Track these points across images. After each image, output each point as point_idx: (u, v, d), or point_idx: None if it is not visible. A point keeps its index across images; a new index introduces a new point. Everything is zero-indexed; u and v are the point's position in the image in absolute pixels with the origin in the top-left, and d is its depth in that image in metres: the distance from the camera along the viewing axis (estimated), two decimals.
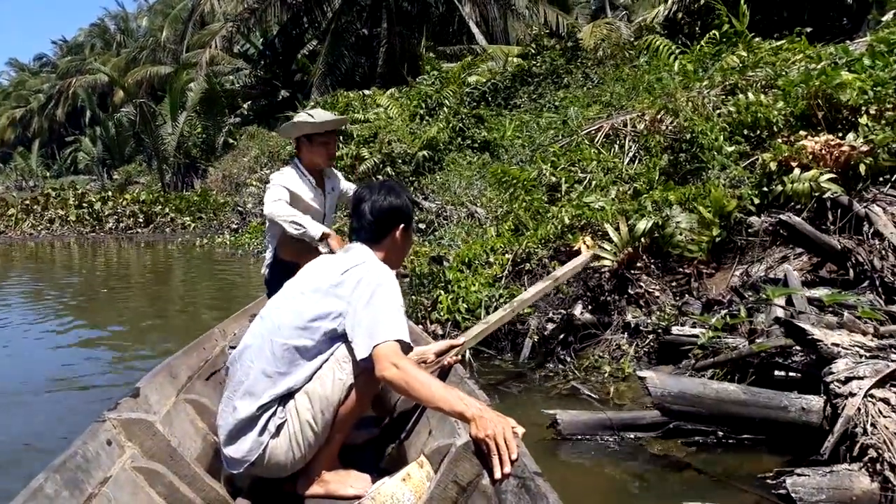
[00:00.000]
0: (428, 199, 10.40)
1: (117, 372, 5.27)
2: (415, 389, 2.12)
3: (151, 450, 2.35)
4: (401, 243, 2.65)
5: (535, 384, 4.57)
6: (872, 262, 4.23)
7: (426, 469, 2.23)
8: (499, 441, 1.88)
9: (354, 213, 2.62)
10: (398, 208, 2.60)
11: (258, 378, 2.37)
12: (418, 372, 2.17)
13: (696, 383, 3.16)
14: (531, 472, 1.89)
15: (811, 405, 3.00)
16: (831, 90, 5.36)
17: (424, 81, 14.08)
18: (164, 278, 11.07)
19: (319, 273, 2.50)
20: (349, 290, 2.35)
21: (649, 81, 7.50)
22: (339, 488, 2.45)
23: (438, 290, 5.37)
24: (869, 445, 2.52)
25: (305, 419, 2.36)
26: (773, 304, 3.89)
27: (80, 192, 20.44)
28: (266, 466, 2.39)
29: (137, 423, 2.37)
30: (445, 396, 2.07)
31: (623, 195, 5.77)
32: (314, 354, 2.38)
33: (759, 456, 3.23)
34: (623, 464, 3.38)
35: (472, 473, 2.03)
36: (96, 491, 2.03)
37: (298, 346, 2.37)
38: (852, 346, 3.03)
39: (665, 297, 4.96)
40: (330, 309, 2.37)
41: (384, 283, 2.36)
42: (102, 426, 2.28)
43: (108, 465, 2.17)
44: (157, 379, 2.83)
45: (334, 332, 2.37)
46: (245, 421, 2.36)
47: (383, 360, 2.19)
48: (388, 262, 2.57)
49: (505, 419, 1.96)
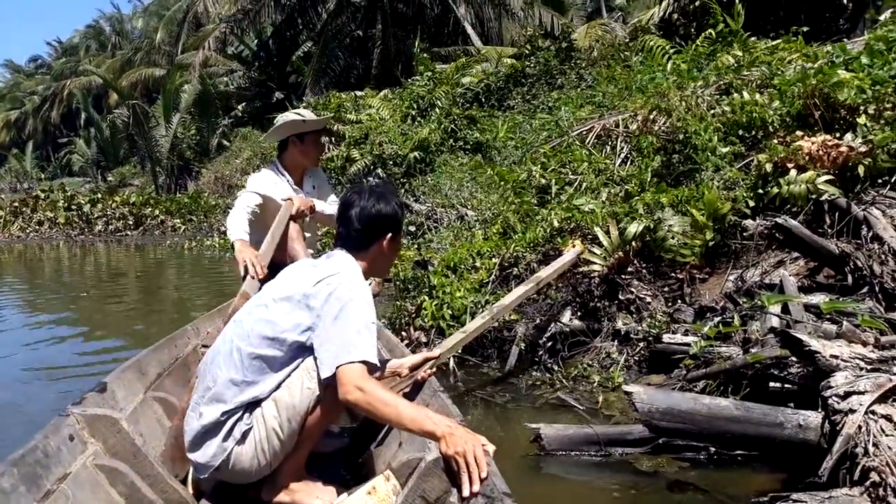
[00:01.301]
0: (418, 202, 10.23)
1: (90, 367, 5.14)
2: (380, 411, 2.08)
3: (115, 447, 2.30)
4: (388, 252, 2.57)
5: (521, 393, 4.39)
6: (871, 268, 4.05)
7: (392, 482, 2.19)
8: (468, 459, 1.87)
9: (341, 218, 2.54)
10: (387, 217, 2.50)
11: (225, 385, 2.33)
12: (383, 394, 2.11)
13: (687, 398, 2.97)
14: (500, 493, 1.84)
15: (808, 421, 2.82)
16: (828, 89, 5.19)
17: (417, 82, 13.91)
18: (150, 281, 10.89)
19: (293, 281, 2.42)
20: (320, 303, 2.28)
21: (642, 81, 7.32)
22: (305, 499, 2.40)
23: (423, 295, 5.18)
24: (871, 468, 2.32)
25: (272, 426, 2.32)
26: (768, 311, 3.71)
27: (69, 193, 20.18)
28: (230, 472, 2.36)
29: (102, 419, 2.32)
30: (413, 417, 2.03)
31: (614, 197, 5.59)
32: (282, 365, 2.33)
33: (753, 474, 3.05)
34: (610, 481, 3.21)
35: (440, 490, 2.00)
36: (54, 487, 1.99)
37: (266, 357, 2.32)
38: (852, 357, 2.85)
39: (657, 303, 4.78)
40: (299, 321, 2.31)
41: (355, 299, 2.27)
42: (65, 421, 2.22)
43: (69, 461, 2.12)
44: (125, 375, 2.77)
45: (302, 345, 2.32)
46: (210, 426, 2.32)
47: (346, 383, 2.13)
48: (373, 270, 2.54)
49: (475, 437, 1.94)
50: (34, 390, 4.78)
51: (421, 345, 4.99)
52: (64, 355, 5.70)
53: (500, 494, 1.84)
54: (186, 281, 10.90)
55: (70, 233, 18.39)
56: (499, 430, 3.87)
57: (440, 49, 21.81)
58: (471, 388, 4.50)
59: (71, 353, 5.86)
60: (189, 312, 7.20)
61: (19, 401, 4.51)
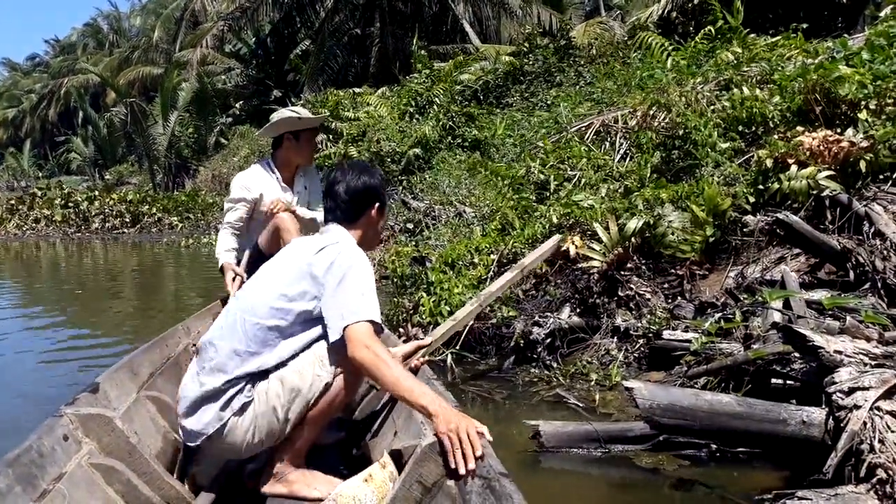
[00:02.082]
0: (416, 199, 10.18)
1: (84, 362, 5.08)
2: (383, 374, 2.12)
3: (109, 446, 2.29)
4: (376, 222, 2.65)
5: (518, 390, 4.34)
6: (874, 263, 4.02)
7: (389, 469, 2.20)
8: (462, 436, 1.92)
9: (328, 194, 2.61)
10: (372, 187, 2.59)
11: (228, 356, 2.35)
12: (389, 358, 2.16)
13: (688, 394, 2.92)
14: (496, 473, 1.87)
15: (812, 418, 2.77)
16: (829, 84, 5.15)
17: (415, 79, 13.85)
18: (147, 279, 10.82)
19: (295, 254, 2.48)
20: (322, 272, 2.33)
21: (641, 77, 7.27)
22: (303, 489, 2.39)
23: (420, 291, 5.13)
24: (877, 465, 2.27)
25: (273, 405, 2.33)
26: (769, 307, 3.66)
27: (66, 191, 20.10)
28: (221, 442, 2.35)
29: (95, 418, 2.31)
30: (412, 387, 2.09)
31: (613, 193, 5.54)
32: (287, 336, 2.36)
33: (756, 471, 3.01)
34: (610, 478, 3.17)
35: (437, 474, 2.02)
36: (50, 487, 1.98)
37: (271, 327, 2.35)
38: (856, 353, 2.80)
39: (656, 300, 4.73)
40: (304, 290, 2.35)
41: (356, 265, 2.34)
42: (59, 421, 2.22)
43: (64, 460, 2.12)
44: (117, 374, 2.75)
45: (308, 314, 2.35)
46: (210, 393, 2.33)
47: (355, 340, 2.18)
48: (365, 241, 2.59)
49: (469, 418, 1.98)
50: (29, 388, 4.73)
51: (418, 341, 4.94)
52: (58, 353, 5.64)
53: (496, 475, 1.86)
54: (183, 279, 10.85)
55: (67, 230, 18.30)
56: (497, 426, 3.81)
57: (438, 47, 21.74)
58: (468, 385, 4.45)
59: (64, 350, 5.80)
60: (186, 309, 7.14)
61: (12, 400, 4.46)
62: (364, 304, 2.25)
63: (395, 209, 10.33)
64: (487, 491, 1.86)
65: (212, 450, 2.41)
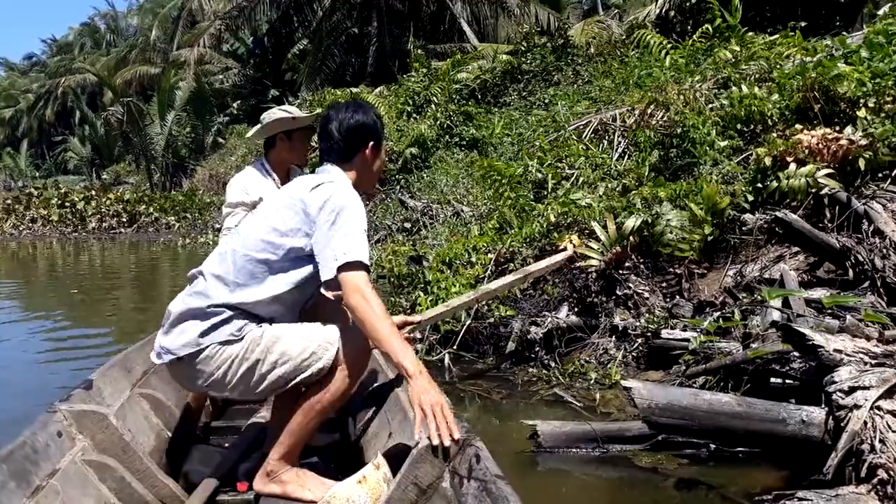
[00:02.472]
0: (414, 198, 10.16)
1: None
2: (372, 325, 2.13)
3: (103, 443, 2.29)
4: (371, 162, 2.57)
5: (517, 390, 4.31)
6: (873, 262, 3.99)
7: (383, 471, 2.18)
8: (435, 410, 1.99)
9: (323, 133, 2.54)
10: (366, 125, 2.53)
11: (214, 283, 2.32)
12: (381, 309, 2.16)
13: (686, 394, 2.89)
14: (492, 475, 1.85)
15: (812, 417, 2.75)
16: (828, 82, 5.13)
17: (412, 78, 13.81)
18: (143, 278, 10.79)
19: (290, 190, 2.45)
20: (315, 210, 2.30)
21: (640, 76, 7.25)
22: (297, 490, 2.36)
23: (418, 291, 5.10)
24: (877, 465, 2.25)
25: (258, 357, 2.28)
26: (768, 306, 3.64)
27: (62, 191, 20.06)
28: (188, 368, 2.31)
29: (89, 415, 2.30)
30: (400, 345, 2.11)
31: (611, 192, 5.51)
32: (275, 271, 2.33)
33: (755, 471, 2.99)
34: (608, 478, 3.15)
35: (433, 476, 2.01)
36: (44, 483, 1.99)
37: (260, 260, 2.32)
38: (856, 352, 2.78)
39: (655, 299, 4.70)
40: (297, 226, 2.33)
41: (349, 206, 2.30)
42: (53, 417, 2.22)
43: (58, 457, 2.12)
44: (111, 372, 2.75)
45: (299, 251, 2.32)
46: (193, 312, 2.30)
47: (350, 285, 2.17)
48: (361, 182, 2.53)
49: (442, 397, 2.04)
50: (25, 386, 4.72)
51: (415, 341, 4.92)
52: (54, 351, 5.62)
53: (492, 477, 1.84)
54: (179, 278, 10.81)
55: (64, 230, 18.29)
56: (494, 426, 3.80)
57: (436, 46, 21.71)
58: (466, 385, 4.43)
59: (60, 349, 5.78)
60: None
61: (8, 397, 4.44)
62: (356, 245, 2.22)
63: (393, 208, 10.31)
64: (483, 493, 1.84)
65: (176, 372, 2.38)
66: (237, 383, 2.31)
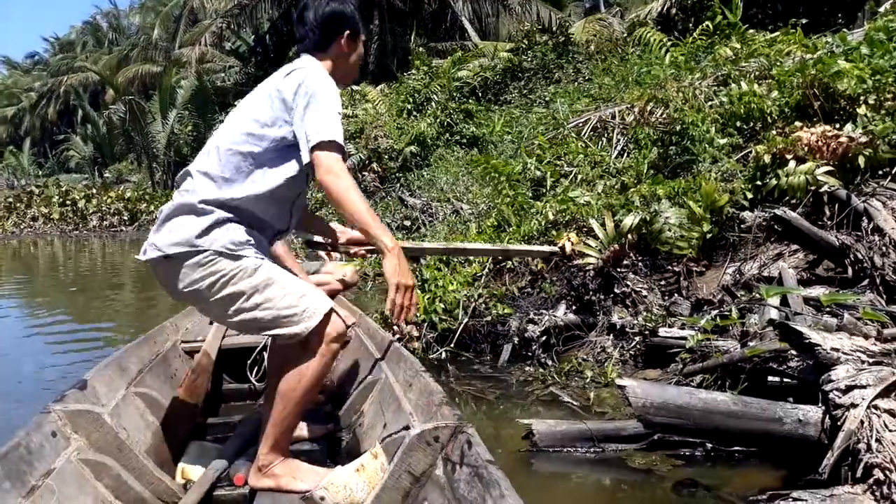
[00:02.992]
0: (414, 196, 10.13)
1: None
2: (347, 200, 2.16)
3: (98, 442, 2.30)
4: (348, 52, 2.54)
5: (513, 389, 4.28)
6: (872, 260, 3.96)
7: (380, 460, 2.20)
8: (403, 291, 2.11)
9: (299, 21, 2.52)
10: (342, 13, 2.50)
11: (202, 180, 2.31)
12: (355, 188, 2.19)
13: (682, 392, 2.86)
14: (484, 461, 1.89)
15: (808, 417, 2.72)
16: (828, 79, 5.09)
17: (412, 76, 13.79)
18: (141, 275, 10.77)
19: (266, 82, 2.44)
20: (291, 95, 2.29)
21: (639, 73, 7.21)
22: (290, 483, 2.35)
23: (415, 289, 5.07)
24: (874, 465, 2.22)
25: (242, 289, 2.26)
26: (766, 304, 3.61)
27: (63, 189, 20.07)
28: (175, 268, 2.27)
29: (84, 414, 2.31)
30: (372, 220, 2.17)
31: (610, 189, 5.48)
32: (260, 164, 2.32)
33: (751, 471, 2.96)
34: (602, 478, 3.12)
35: (426, 464, 2.05)
36: (39, 483, 1.99)
37: (244, 153, 2.31)
38: (853, 350, 2.75)
39: (653, 297, 4.67)
40: (277, 114, 2.32)
41: (322, 88, 2.29)
42: (47, 417, 2.22)
43: (53, 456, 2.13)
44: (105, 371, 2.75)
45: (281, 142, 2.31)
46: (184, 208, 2.28)
47: (323, 165, 2.18)
48: (336, 72, 2.49)
49: (411, 281, 2.15)
50: (22, 386, 4.71)
51: (413, 339, 4.89)
52: (52, 350, 5.61)
53: (483, 462, 1.88)
54: None
55: (64, 228, 18.29)
56: (490, 425, 3.76)
57: (437, 44, 21.68)
58: (462, 384, 4.39)
59: (58, 345, 5.77)
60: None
61: (5, 396, 4.41)
62: (329, 125, 2.20)
63: (392, 206, 10.28)
64: (475, 479, 1.88)
65: (161, 271, 2.34)
66: (214, 304, 2.29)
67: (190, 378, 3.03)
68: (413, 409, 2.51)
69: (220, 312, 2.32)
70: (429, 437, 2.07)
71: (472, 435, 2.01)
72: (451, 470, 1.99)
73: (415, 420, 2.38)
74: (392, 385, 2.85)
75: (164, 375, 3.24)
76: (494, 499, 1.75)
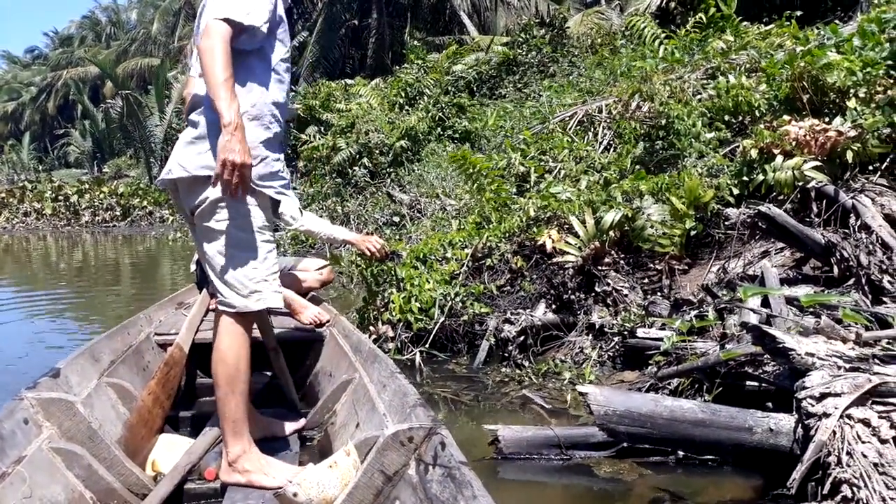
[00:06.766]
0: (403, 191, 9.99)
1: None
2: (210, 67, 2.19)
3: (70, 431, 2.31)
4: None
5: (488, 391, 4.14)
6: (858, 258, 3.80)
7: (353, 458, 2.22)
8: (231, 169, 2.15)
9: None
10: None
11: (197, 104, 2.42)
12: (223, 59, 2.20)
13: (647, 400, 2.72)
14: (457, 462, 1.91)
15: (780, 426, 2.57)
16: (817, 71, 4.93)
17: (405, 70, 13.63)
18: (130, 272, 10.66)
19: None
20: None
21: (627, 65, 7.05)
22: (261, 479, 2.37)
23: (391, 288, 4.93)
24: (842, 480, 2.07)
25: (219, 226, 2.37)
26: (743, 307, 3.46)
27: (56, 184, 19.95)
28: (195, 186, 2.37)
29: (56, 402, 2.33)
30: (224, 93, 2.17)
31: (594, 185, 5.33)
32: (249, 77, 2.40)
33: (725, 479, 2.82)
34: (570, 486, 2.97)
35: (399, 463, 2.07)
36: (10, 470, 2.00)
37: None
38: (829, 355, 2.60)
39: (634, 296, 4.53)
40: None
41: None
42: (20, 404, 2.24)
43: (24, 444, 2.14)
44: (78, 360, 2.78)
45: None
46: (196, 132, 2.37)
47: (205, 32, 2.25)
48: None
49: (248, 158, 2.19)
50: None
51: (388, 339, 4.76)
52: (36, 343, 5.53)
53: (456, 463, 1.90)
54: (165, 274, 10.69)
55: (57, 224, 18.17)
56: (460, 430, 3.63)
57: (435, 38, 21.53)
58: (436, 386, 4.26)
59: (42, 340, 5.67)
60: None
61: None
62: (230, 4, 2.26)
63: (382, 202, 10.14)
64: (448, 479, 1.90)
65: (175, 190, 2.48)
66: (205, 231, 2.39)
67: (162, 371, 2.98)
68: (387, 410, 2.53)
69: (202, 242, 2.44)
70: (403, 437, 2.09)
71: (446, 437, 2.04)
72: (423, 470, 2.01)
73: (389, 420, 2.41)
74: (366, 385, 2.86)
75: (137, 367, 3.27)
76: (467, 499, 1.78)
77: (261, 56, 2.42)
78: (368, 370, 3.03)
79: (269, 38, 2.43)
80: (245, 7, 2.28)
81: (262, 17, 2.32)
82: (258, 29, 2.32)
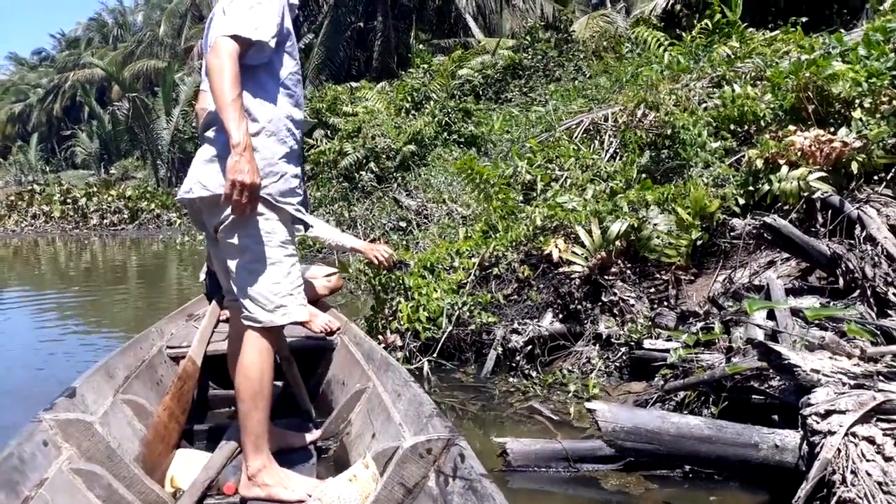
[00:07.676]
0: (410, 196, 10.02)
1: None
2: (218, 85, 2.21)
3: (89, 451, 2.32)
4: None
5: (494, 401, 4.18)
6: (864, 270, 3.82)
7: (372, 470, 2.23)
8: (240, 190, 2.17)
9: None
10: None
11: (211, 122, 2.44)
12: (231, 77, 2.21)
13: (654, 417, 2.75)
14: (478, 474, 1.90)
15: (786, 442, 2.60)
16: (822, 81, 4.95)
17: (412, 74, 13.66)
18: (134, 276, 10.72)
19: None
20: (228, 3, 2.38)
21: (633, 73, 7.07)
22: (281, 492, 2.37)
23: (399, 297, 4.97)
24: (847, 500, 2.11)
25: (245, 242, 2.39)
26: (748, 322, 3.49)
27: (65, 187, 20.04)
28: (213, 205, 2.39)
29: (74, 423, 2.34)
30: (233, 113, 2.18)
31: (600, 194, 5.35)
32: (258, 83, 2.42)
33: (731, 494, 2.84)
34: (576, 499, 3.00)
35: (419, 476, 2.07)
36: (32, 493, 2.00)
37: None
38: (835, 372, 2.63)
39: (640, 306, 4.56)
40: None
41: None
42: (38, 427, 2.24)
43: (45, 466, 2.15)
44: (93, 378, 2.79)
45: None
46: (209, 150, 2.40)
47: (212, 49, 2.27)
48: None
49: (257, 178, 2.22)
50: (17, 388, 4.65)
51: (397, 348, 4.80)
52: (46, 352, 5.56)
53: (477, 476, 1.89)
54: (170, 278, 10.74)
55: (65, 227, 18.25)
56: (469, 441, 3.65)
57: (441, 41, 21.57)
58: (444, 395, 4.29)
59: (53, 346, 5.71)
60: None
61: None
62: (237, 21, 2.27)
63: (389, 207, 10.18)
64: (469, 492, 1.89)
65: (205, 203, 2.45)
66: (229, 248, 2.39)
67: (176, 385, 3.01)
68: (403, 420, 2.53)
69: (225, 253, 2.45)
70: (421, 449, 2.08)
71: (465, 448, 2.03)
72: (443, 482, 2.00)
73: (405, 431, 2.41)
74: (381, 394, 2.86)
75: (151, 382, 3.29)
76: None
77: (269, 70, 2.44)
78: (382, 379, 3.03)
79: (277, 53, 2.45)
80: (253, 22, 2.30)
81: (270, 32, 2.34)
82: (266, 44, 2.33)
